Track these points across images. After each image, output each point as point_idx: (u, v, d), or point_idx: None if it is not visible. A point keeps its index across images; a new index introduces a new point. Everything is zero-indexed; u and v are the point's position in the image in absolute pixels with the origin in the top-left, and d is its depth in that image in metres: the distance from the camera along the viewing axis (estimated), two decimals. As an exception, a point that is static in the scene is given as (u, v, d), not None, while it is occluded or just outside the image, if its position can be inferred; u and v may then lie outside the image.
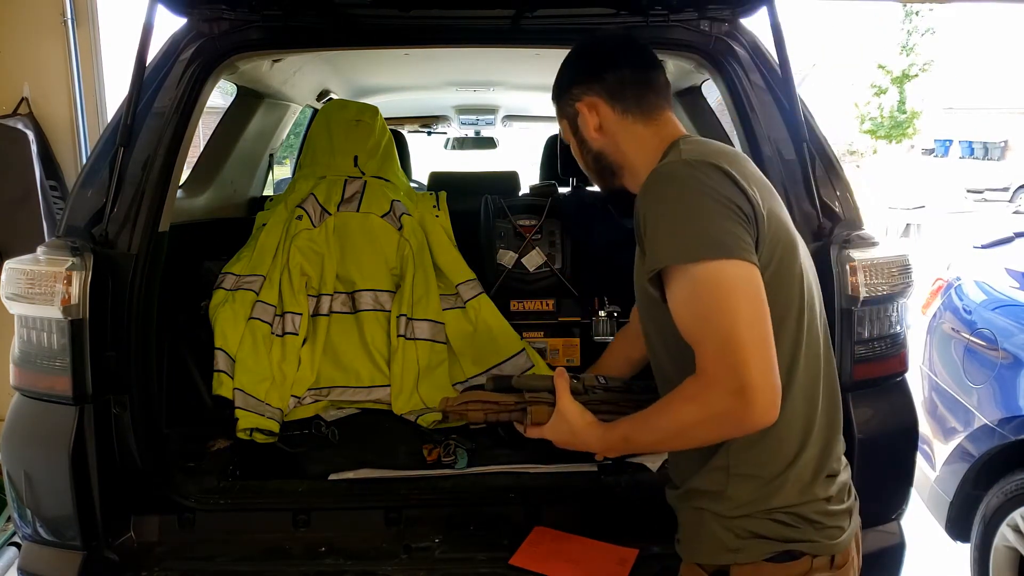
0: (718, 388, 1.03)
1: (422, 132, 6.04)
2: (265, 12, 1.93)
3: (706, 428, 1.08)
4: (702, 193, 1.08)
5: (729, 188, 1.09)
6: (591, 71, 1.33)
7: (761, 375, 1.02)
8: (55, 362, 1.71)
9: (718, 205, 1.07)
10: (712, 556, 1.17)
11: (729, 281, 1.05)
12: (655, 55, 1.36)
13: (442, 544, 1.79)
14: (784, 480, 1.14)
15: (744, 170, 1.15)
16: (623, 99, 1.30)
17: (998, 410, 2.39)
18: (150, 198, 1.83)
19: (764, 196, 1.14)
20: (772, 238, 1.12)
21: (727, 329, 1.03)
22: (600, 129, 1.32)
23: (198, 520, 1.86)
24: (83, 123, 3.40)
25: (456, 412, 1.47)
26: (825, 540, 1.14)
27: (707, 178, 1.09)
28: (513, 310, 2.78)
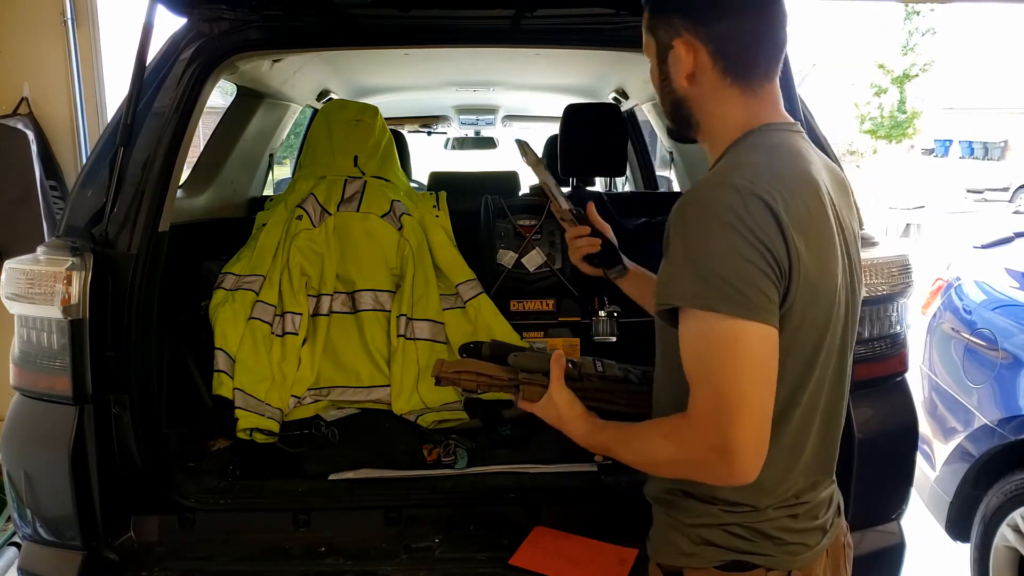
0: (699, 438, 1.00)
1: (422, 132, 6.04)
2: (265, 12, 1.93)
3: (678, 469, 1.07)
4: (736, 232, 0.96)
5: (771, 232, 0.97)
6: (703, 10, 1.10)
7: (746, 440, 0.97)
8: (55, 362, 1.71)
9: (751, 250, 0.96)
10: (669, 558, 1.18)
11: (741, 341, 0.97)
12: (783, 6, 1.12)
13: (442, 544, 1.79)
14: (744, 503, 1.11)
15: (801, 206, 1.01)
16: (726, 56, 1.09)
17: (998, 410, 2.39)
18: (150, 198, 1.83)
19: (813, 244, 1.01)
20: (806, 296, 1.02)
21: (725, 385, 0.97)
22: (692, 78, 1.12)
23: (198, 520, 1.86)
24: (83, 123, 3.40)
25: (449, 379, 1.43)
26: (783, 555, 1.12)
27: (748, 214, 0.96)
28: (513, 310, 2.78)
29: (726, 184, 1.01)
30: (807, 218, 1.02)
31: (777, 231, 0.98)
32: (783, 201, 0.99)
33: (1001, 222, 12.17)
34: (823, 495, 1.19)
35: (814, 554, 1.16)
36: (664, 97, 1.20)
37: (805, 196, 1.03)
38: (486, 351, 1.47)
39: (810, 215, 1.02)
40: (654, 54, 1.18)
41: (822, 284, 1.04)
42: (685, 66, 1.12)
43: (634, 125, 4.11)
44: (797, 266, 0.99)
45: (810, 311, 1.04)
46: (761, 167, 1.03)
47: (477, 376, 1.41)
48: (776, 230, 0.98)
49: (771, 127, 1.11)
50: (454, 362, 1.44)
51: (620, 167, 2.94)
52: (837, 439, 1.21)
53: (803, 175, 1.05)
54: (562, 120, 2.82)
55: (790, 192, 1.01)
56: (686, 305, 1.01)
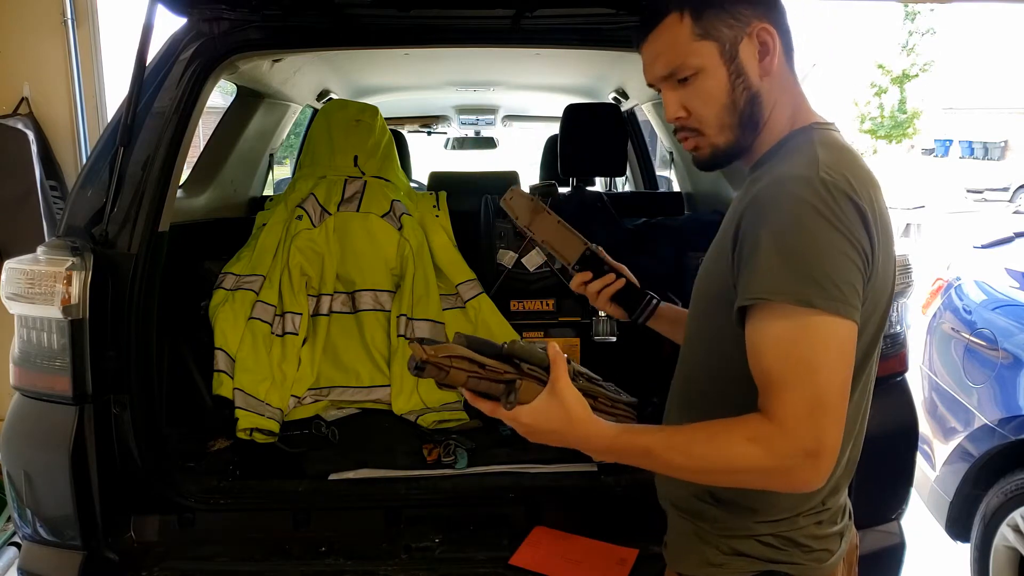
0: (793, 443, 0.92)
1: (422, 132, 6.03)
2: (265, 12, 1.93)
3: (758, 476, 0.96)
4: (833, 228, 0.93)
5: (859, 229, 0.95)
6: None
7: (835, 443, 0.93)
8: (55, 362, 1.71)
9: (848, 246, 0.94)
10: (694, 568, 1.15)
11: (833, 338, 0.93)
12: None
13: (442, 544, 1.79)
14: (776, 511, 1.10)
15: (875, 205, 0.99)
16: (790, 46, 1.07)
17: (998, 410, 2.39)
18: (150, 198, 1.83)
19: (883, 243, 1.00)
20: (872, 297, 1.00)
21: (822, 387, 0.93)
22: (771, 64, 1.06)
23: (198, 520, 1.86)
24: (83, 123, 3.40)
25: (436, 365, 1.12)
26: (812, 563, 1.12)
27: (840, 211, 0.94)
28: (513, 310, 2.78)
29: (812, 179, 0.96)
30: (880, 215, 1.00)
31: (862, 227, 0.95)
32: (863, 197, 0.97)
33: (1001, 222, 12.17)
34: (842, 499, 1.19)
35: (836, 560, 1.15)
36: (737, 100, 1.08)
37: (875, 192, 1.01)
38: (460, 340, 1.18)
39: (881, 212, 1.01)
40: (717, 56, 1.06)
41: (883, 286, 1.03)
42: (765, 55, 1.06)
43: (634, 125, 4.11)
44: (875, 264, 0.98)
45: (873, 313, 1.03)
46: (836, 163, 0.99)
47: (470, 365, 1.13)
48: (861, 226, 0.95)
49: (820, 126, 1.08)
50: (444, 346, 1.15)
51: (620, 167, 2.94)
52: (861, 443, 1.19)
53: (868, 172, 1.03)
54: (562, 120, 2.82)
55: (864, 188, 0.98)
56: (783, 300, 0.94)
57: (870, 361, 1.08)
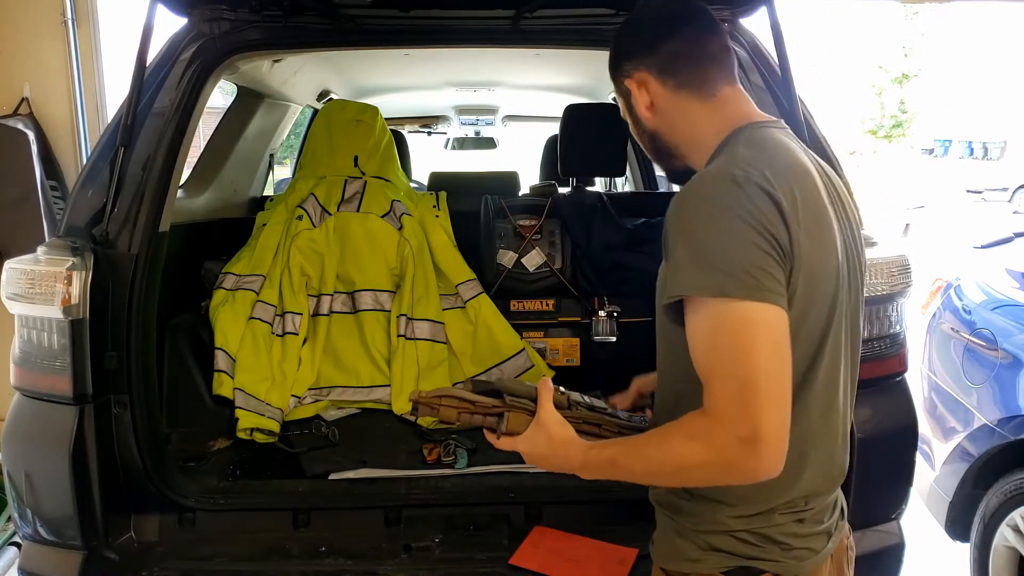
0: (727, 432, 0.94)
1: (422, 132, 6.03)
2: (265, 12, 1.93)
3: (705, 472, 0.98)
4: (740, 219, 0.97)
5: (771, 216, 0.98)
6: (641, 43, 1.20)
7: (774, 427, 0.94)
8: (55, 362, 1.71)
9: (756, 235, 0.97)
10: (674, 563, 1.16)
11: (755, 324, 0.96)
12: (714, 18, 1.21)
13: (442, 544, 1.79)
14: (748, 506, 1.11)
15: (797, 195, 1.02)
16: (676, 73, 1.17)
17: (998, 410, 2.39)
18: (150, 198, 1.83)
19: (811, 229, 1.02)
20: (805, 282, 1.02)
21: (746, 371, 0.94)
22: (652, 108, 1.20)
23: (198, 520, 1.86)
24: (83, 123, 3.41)
25: (427, 405, 1.26)
26: (790, 560, 1.12)
27: (748, 200, 0.98)
28: (513, 310, 2.78)
29: (723, 175, 1.02)
30: (803, 203, 1.02)
31: (777, 216, 0.99)
32: (780, 187, 1.00)
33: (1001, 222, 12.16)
34: (829, 499, 1.19)
35: (820, 559, 1.15)
36: (642, 140, 1.26)
37: (799, 182, 1.04)
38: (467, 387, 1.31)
39: (805, 200, 1.03)
40: (625, 110, 1.26)
41: (821, 272, 1.04)
42: (642, 99, 1.20)
43: (634, 125, 4.11)
44: (797, 251, 1.00)
45: (811, 298, 1.03)
46: (754, 158, 1.04)
47: (459, 402, 1.25)
48: (776, 215, 0.99)
49: (755, 125, 1.14)
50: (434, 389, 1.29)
51: (620, 167, 2.94)
52: (847, 442, 1.20)
53: (794, 163, 1.07)
54: (562, 120, 2.82)
55: (784, 179, 1.02)
56: (696, 295, 0.98)
57: (824, 352, 1.07)
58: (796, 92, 1.84)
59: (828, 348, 1.08)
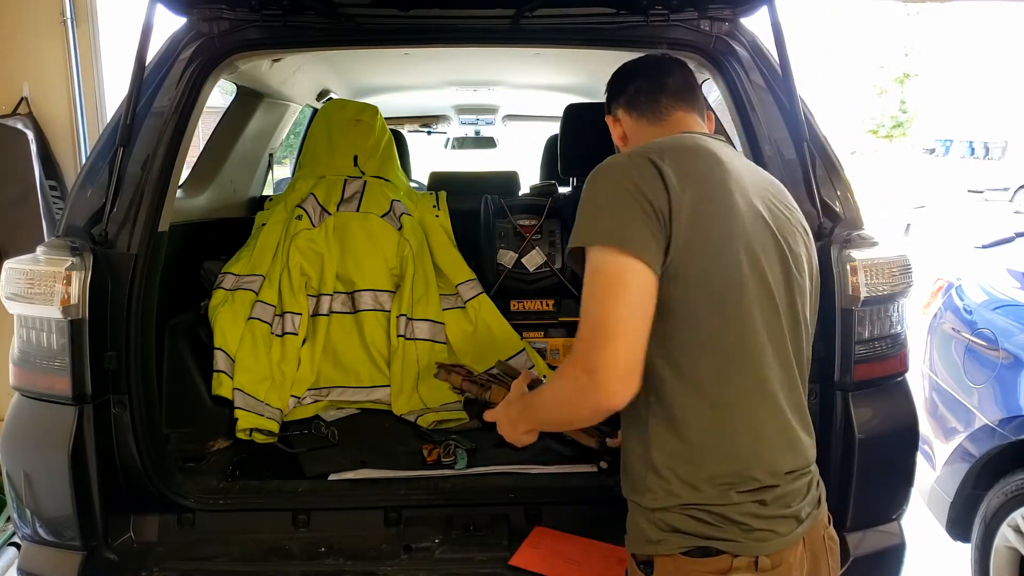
0: (576, 365, 1.12)
1: (422, 132, 6.03)
2: (265, 12, 1.93)
3: (567, 403, 1.15)
4: (622, 187, 1.15)
5: (652, 185, 1.14)
6: (615, 89, 1.49)
7: (612, 360, 1.08)
8: (55, 362, 1.71)
9: (631, 200, 1.13)
10: (639, 547, 1.21)
11: (613, 270, 1.11)
12: (674, 61, 1.47)
13: (442, 544, 1.79)
14: (699, 480, 1.16)
15: (687, 166, 1.18)
16: (638, 106, 1.43)
17: (998, 410, 2.39)
18: (150, 198, 1.83)
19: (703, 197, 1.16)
20: (695, 245, 1.13)
21: (596, 313, 1.11)
22: (624, 138, 1.47)
23: (198, 520, 1.86)
24: (83, 123, 3.40)
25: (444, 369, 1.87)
26: (749, 542, 1.15)
27: (635, 171, 1.16)
28: (513, 310, 2.77)
29: (622, 155, 1.26)
30: (695, 174, 1.18)
31: (660, 184, 1.14)
32: (669, 160, 1.17)
33: (1002, 222, 12.14)
34: (798, 484, 1.21)
35: (785, 542, 1.17)
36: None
37: (695, 158, 1.21)
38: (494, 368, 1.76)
39: (700, 173, 1.19)
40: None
41: (716, 239, 1.16)
42: (617, 131, 1.48)
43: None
44: (678, 217, 1.13)
45: (704, 263, 1.14)
46: (655, 144, 1.26)
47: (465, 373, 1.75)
48: (659, 183, 1.14)
49: (686, 132, 1.35)
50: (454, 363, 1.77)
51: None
52: (804, 425, 1.24)
53: (697, 147, 1.25)
54: (562, 120, 2.82)
55: (677, 157, 1.19)
56: (575, 243, 1.17)
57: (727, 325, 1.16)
58: (796, 92, 1.84)
59: (735, 321, 1.16)
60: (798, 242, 1.28)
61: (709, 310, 1.15)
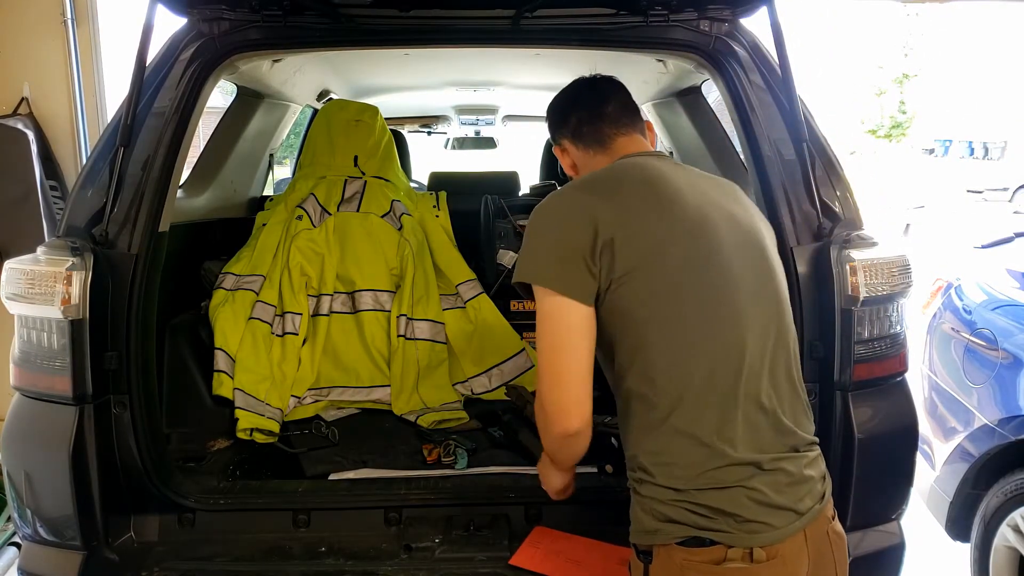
0: (537, 401, 1.28)
1: (422, 132, 6.03)
2: (265, 12, 1.93)
3: (545, 433, 1.31)
4: (556, 231, 1.26)
5: (584, 225, 1.23)
6: (558, 118, 1.54)
7: (551, 393, 1.24)
8: (55, 362, 1.71)
9: (563, 244, 1.23)
10: (638, 537, 1.24)
11: (554, 310, 1.23)
12: (612, 84, 1.53)
13: (442, 544, 1.79)
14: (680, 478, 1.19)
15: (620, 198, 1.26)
16: (583, 136, 1.49)
17: (998, 410, 2.39)
18: (150, 198, 1.83)
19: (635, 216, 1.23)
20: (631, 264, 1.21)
21: (544, 354, 1.25)
22: (574, 167, 1.53)
23: (198, 520, 1.86)
24: (83, 123, 3.40)
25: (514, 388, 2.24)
26: (742, 533, 1.16)
27: (568, 214, 1.26)
28: (513, 310, 2.78)
29: (556, 194, 1.36)
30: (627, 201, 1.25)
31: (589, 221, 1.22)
32: (600, 192, 1.27)
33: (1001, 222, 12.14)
34: (795, 478, 1.22)
35: (780, 535, 1.18)
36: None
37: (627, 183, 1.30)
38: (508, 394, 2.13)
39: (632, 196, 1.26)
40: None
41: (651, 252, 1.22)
42: (566, 161, 1.55)
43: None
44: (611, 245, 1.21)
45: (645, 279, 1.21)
46: (590, 176, 1.37)
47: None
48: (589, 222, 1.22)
49: (625, 156, 1.42)
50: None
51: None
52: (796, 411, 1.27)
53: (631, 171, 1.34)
54: (562, 120, 2.81)
55: (609, 183, 1.30)
56: (518, 278, 1.28)
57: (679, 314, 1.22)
58: (796, 92, 1.84)
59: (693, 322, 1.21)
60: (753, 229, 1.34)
61: (663, 318, 1.21)
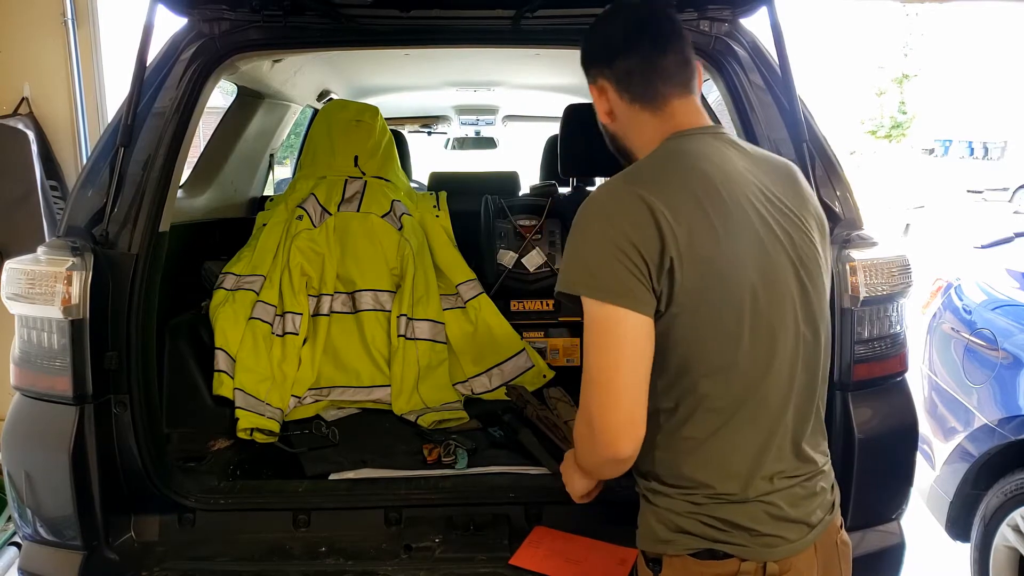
0: (581, 419, 1.14)
1: (422, 132, 6.03)
2: (265, 12, 1.93)
3: (585, 454, 1.19)
4: (609, 237, 1.08)
5: (644, 231, 1.07)
6: (601, 55, 1.28)
7: (603, 414, 1.09)
8: (55, 362, 1.71)
9: (619, 252, 1.07)
10: (649, 545, 1.20)
11: (600, 322, 1.08)
12: (674, 31, 1.26)
13: (442, 544, 1.79)
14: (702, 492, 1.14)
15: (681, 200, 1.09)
16: (631, 87, 1.25)
17: (998, 410, 2.39)
18: (150, 198, 1.83)
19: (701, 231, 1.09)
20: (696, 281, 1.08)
21: (594, 368, 1.10)
22: (611, 114, 1.30)
23: (198, 520, 1.86)
24: (83, 123, 3.40)
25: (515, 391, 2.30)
26: (758, 547, 1.13)
27: (625, 217, 1.08)
28: (513, 310, 2.78)
29: (609, 185, 1.16)
30: (689, 205, 1.10)
31: (651, 227, 1.07)
32: (660, 193, 1.09)
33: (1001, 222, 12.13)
34: (807, 490, 1.19)
35: (794, 548, 1.16)
36: (605, 136, 1.36)
37: (689, 181, 1.12)
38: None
39: (694, 200, 1.10)
40: (595, 102, 1.33)
41: (718, 269, 1.10)
42: (602, 105, 1.30)
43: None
44: (675, 257, 1.07)
45: (708, 292, 1.09)
46: (651, 168, 1.17)
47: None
48: (651, 227, 1.07)
49: (677, 134, 1.21)
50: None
51: (620, 167, 2.93)
52: (815, 433, 1.22)
53: (690, 170, 1.14)
54: (562, 120, 2.82)
55: (671, 180, 1.12)
56: (563, 288, 1.13)
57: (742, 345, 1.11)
58: (796, 92, 1.84)
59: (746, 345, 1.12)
60: (809, 240, 1.21)
61: (717, 339, 1.11)
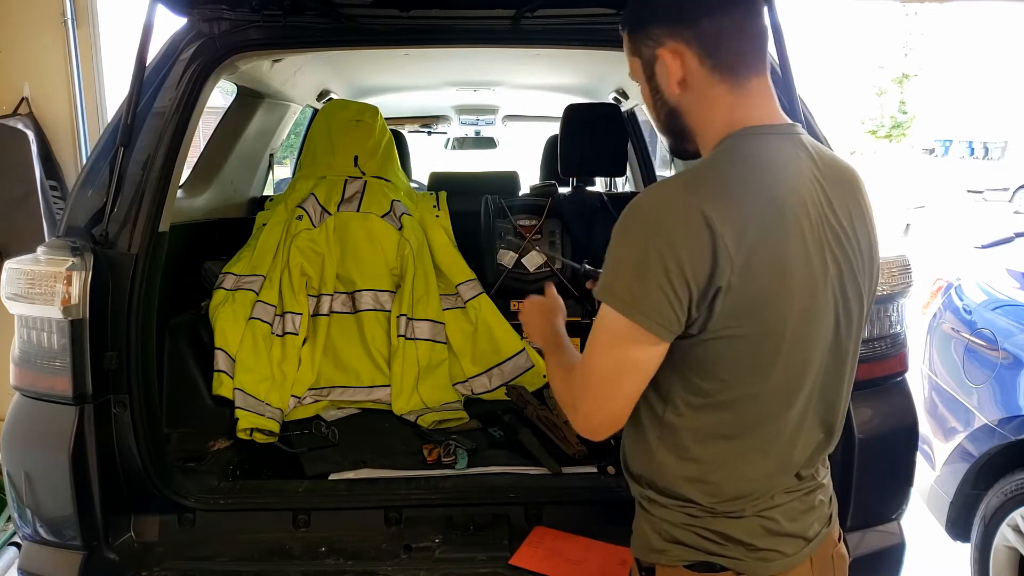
0: (570, 391, 1.15)
1: (422, 132, 6.03)
2: (265, 12, 1.93)
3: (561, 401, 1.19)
4: (655, 248, 0.97)
5: (696, 253, 0.96)
6: (682, 11, 1.07)
7: (592, 411, 1.09)
8: (55, 362, 1.71)
9: (660, 269, 0.97)
10: (642, 553, 1.18)
11: (613, 332, 1.03)
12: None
13: (442, 544, 1.79)
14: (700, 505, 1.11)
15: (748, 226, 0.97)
16: (717, 53, 1.05)
17: (998, 410, 2.39)
18: (150, 198, 1.83)
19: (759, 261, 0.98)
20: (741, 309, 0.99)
21: (591, 365, 1.07)
22: (683, 84, 1.08)
23: (198, 520, 1.86)
24: (83, 123, 3.40)
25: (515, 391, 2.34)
26: (754, 561, 1.11)
27: (679, 232, 0.97)
28: (513, 310, 2.77)
29: (665, 190, 1.04)
30: (752, 230, 0.98)
31: (708, 251, 0.96)
32: (725, 212, 0.97)
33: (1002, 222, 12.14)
34: (806, 504, 1.17)
35: (790, 563, 1.13)
36: (658, 113, 1.16)
37: (758, 213, 0.99)
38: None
39: (761, 234, 0.99)
40: (641, 74, 1.15)
41: (764, 302, 1.01)
42: (675, 73, 1.08)
43: (634, 125, 4.11)
44: (728, 284, 0.97)
45: (749, 324, 1.01)
46: (714, 176, 1.02)
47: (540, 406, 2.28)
48: (707, 251, 0.96)
49: (750, 131, 1.06)
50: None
51: (620, 167, 2.94)
52: (823, 449, 1.18)
53: (761, 188, 1.02)
54: (562, 120, 2.82)
55: (738, 197, 0.99)
56: (603, 300, 1.05)
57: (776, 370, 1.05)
58: (796, 92, 1.84)
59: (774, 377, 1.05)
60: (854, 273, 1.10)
61: (747, 370, 1.04)
